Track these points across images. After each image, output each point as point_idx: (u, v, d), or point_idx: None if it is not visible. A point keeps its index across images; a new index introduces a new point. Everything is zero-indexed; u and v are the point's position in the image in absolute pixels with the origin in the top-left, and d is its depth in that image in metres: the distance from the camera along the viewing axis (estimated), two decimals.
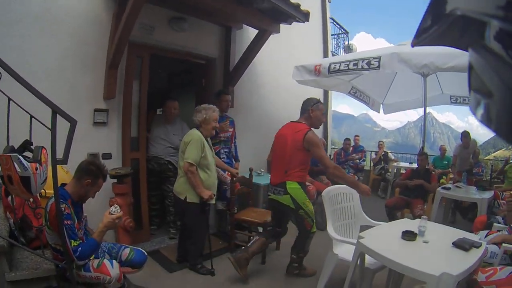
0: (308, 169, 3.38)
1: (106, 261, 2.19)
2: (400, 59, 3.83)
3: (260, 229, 4.13)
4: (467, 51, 0.75)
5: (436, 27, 0.80)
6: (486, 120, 0.61)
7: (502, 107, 0.55)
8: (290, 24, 4.60)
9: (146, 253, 2.58)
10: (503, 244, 2.73)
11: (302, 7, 4.33)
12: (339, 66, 4.35)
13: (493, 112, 0.59)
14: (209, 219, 4.66)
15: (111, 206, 2.35)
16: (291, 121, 3.48)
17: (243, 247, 3.38)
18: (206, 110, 3.41)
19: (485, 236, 3.12)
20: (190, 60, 4.80)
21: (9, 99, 1.85)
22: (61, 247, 2.03)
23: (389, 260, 2.14)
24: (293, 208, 3.22)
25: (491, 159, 12.06)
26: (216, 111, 3.50)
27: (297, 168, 3.23)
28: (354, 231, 3.34)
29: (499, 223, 3.61)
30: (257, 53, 4.77)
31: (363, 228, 3.10)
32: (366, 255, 2.52)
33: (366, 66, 4.07)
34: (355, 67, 4.19)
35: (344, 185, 3.31)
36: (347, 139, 7.75)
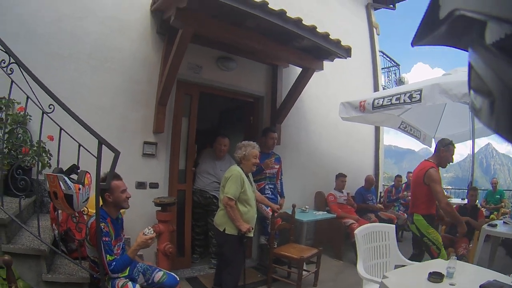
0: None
1: (129, 284, 2.40)
2: (441, 90, 3.79)
3: (304, 266, 4.11)
4: (467, 51, 0.77)
5: (436, 27, 0.81)
6: (486, 120, 0.62)
7: (502, 107, 0.57)
8: (332, 61, 4.74)
9: (178, 279, 2.76)
10: None
11: (348, 41, 4.44)
12: (382, 102, 4.37)
13: (493, 112, 0.60)
14: (251, 252, 4.77)
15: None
16: (424, 159, 3.97)
17: None
18: (246, 147, 3.58)
19: None
20: (238, 98, 5.11)
21: (61, 129, 2.24)
22: (98, 259, 2.31)
23: None
24: (418, 236, 3.75)
25: None
26: (256, 148, 3.65)
27: (421, 200, 3.72)
28: (388, 271, 3.26)
29: None
30: (301, 90, 4.93)
31: (399, 267, 3.12)
32: None
33: (408, 100, 4.06)
34: (398, 102, 4.19)
35: (382, 224, 3.46)
36: (398, 176, 7.54)
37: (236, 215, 3.35)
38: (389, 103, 4.29)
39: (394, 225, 3.56)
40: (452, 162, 3.84)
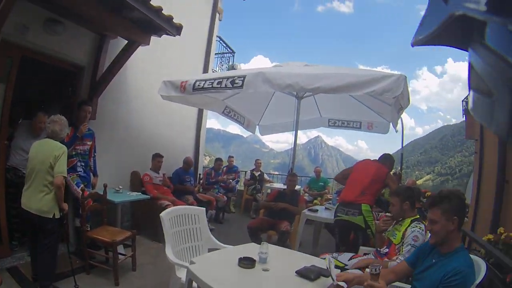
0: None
1: None
2: (264, 79, 3.91)
3: (122, 250, 4.15)
4: (467, 51, 0.79)
5: (436, 27, 0.84)
6: (486, 119, 0.67)
7: (502, 106, 0.58)
8: (160, 37, 4.81)
9: None
10: (367, 269, 2.49)
11: (187, 21, 4.60)
12: (204, 84, 4.35)
13: (493, 111, 0.62)
14: (68, 236, 4.50)
15: None
16: (375, 160, 4.50)
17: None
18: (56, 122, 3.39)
19: (349, 260, 3.20)
20: (61, 67, 4.67)
21: None
22: None
23: None
24: (362, 228, 3.95)
25: None
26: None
27: (372, 193, 4.12)
28: (201, 254, 3.28)
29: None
30: (123, 63, 4.86)
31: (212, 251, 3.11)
32: None
33: (230, 85, 4.11)
34: (219, 86, 4.20)
35: (190, 207, 3.64)
36: (219, 159, 8.05)
37: (62, 195, 3.23)
38: (210, 86, 4.29)
39: (204, 208, 3.64)
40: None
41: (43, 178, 3.20)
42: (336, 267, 2.52)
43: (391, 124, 5.50)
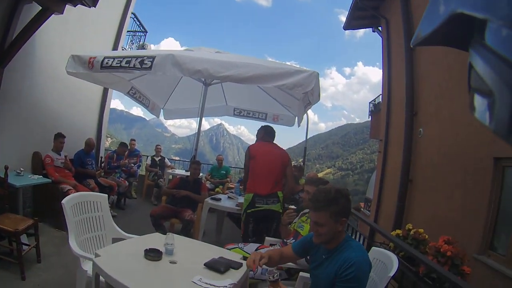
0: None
1: None
2: (174, 62, 3.77)
3: (26, 239, 3.88)
4: (467, 51, 0.78)
5: (436, 27, 0.84)
6: (486, 119, 0.65)
7: (502, 106, 0.58)
8: (75, 6, 4.63)
9: None
10: (267, 274, 2.45)
11: None
12: (112, 62, 4.07)
13: (493, 111, 0.62)
14: None
15: None
16: (270, 142, 4.51)
17: None
18: None
19: (255, 250, 3.23)
20: None
21: None
22: None
23: (121, 285, 1.90)
24: (278, 213, 4.14)
25: None
26: None
27: (281, 180, 4.28)
28: (105, 245, 3.15)
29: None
30: (34, 31, 4.57)
31: (117, 241, 2.99)
32: None
33: (138, 65, 3.90)
34: (127, 65, 3.97)
35: (92, 193, 3.55)
36: (123, 145, 7.83)
37: None
38: (119, 65, 4.02)
39: (106, 195, 3.48)
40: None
41: None
42: (244, 258, 2.49)
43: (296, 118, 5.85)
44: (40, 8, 4.44)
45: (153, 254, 2.26)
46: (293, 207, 3.56)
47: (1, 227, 3.63)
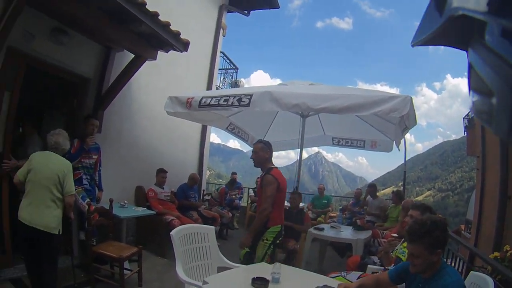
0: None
1: None
2: (271, 98, 4.03)
3: (128, 265, 4.16)
4: (467, 51, 0.79)
5: (436, 27, 0.85)
6: (486, 120, 0.65)
7: (502, 106, 0.58)
8: (167, 52, 4.92)
9: None
10: None
11: (192, 36, 4.66)
12: (210, 101, 4.41)
13: (493, 111, 0.62)
14: (72, 249, 4.51)
15: None
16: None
17: None
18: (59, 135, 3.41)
19: (357, 278, 3.20)
20: (65, 78, 4.73)
21: None
22: None
23: None
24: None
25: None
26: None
27: None
28: (211, 273, 3.32)
29: (375, 264, 3.78)
30: (130, 77, 4.93)
31: (221, 270, 3.17)
32: None
33: (236, 103, 4.19)
34: (225, 103, 4.29)
35: (200, 225, 3.75)
36: (232, 181, 8.28)
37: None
38: (217, 103, 4.35)
39: (213, 227, 3.68)
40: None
41: (50, 193, 3.12)
42: None
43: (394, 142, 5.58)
44: (133, 55, 4.86)
45: (260, 282, 2.36)
46: (395, 235, 3.59)
47: (106, 253, 3.94)
